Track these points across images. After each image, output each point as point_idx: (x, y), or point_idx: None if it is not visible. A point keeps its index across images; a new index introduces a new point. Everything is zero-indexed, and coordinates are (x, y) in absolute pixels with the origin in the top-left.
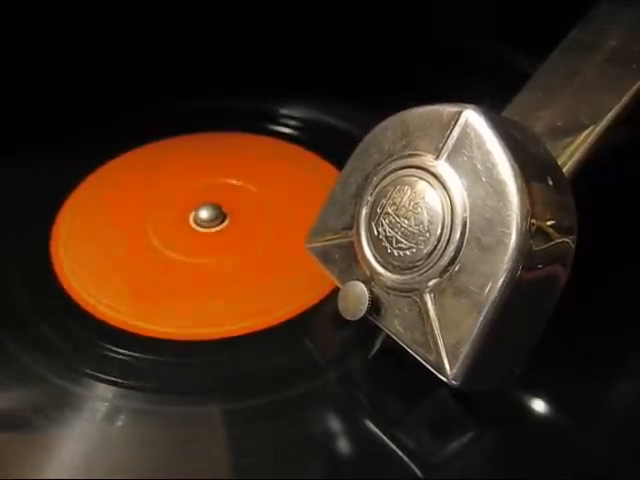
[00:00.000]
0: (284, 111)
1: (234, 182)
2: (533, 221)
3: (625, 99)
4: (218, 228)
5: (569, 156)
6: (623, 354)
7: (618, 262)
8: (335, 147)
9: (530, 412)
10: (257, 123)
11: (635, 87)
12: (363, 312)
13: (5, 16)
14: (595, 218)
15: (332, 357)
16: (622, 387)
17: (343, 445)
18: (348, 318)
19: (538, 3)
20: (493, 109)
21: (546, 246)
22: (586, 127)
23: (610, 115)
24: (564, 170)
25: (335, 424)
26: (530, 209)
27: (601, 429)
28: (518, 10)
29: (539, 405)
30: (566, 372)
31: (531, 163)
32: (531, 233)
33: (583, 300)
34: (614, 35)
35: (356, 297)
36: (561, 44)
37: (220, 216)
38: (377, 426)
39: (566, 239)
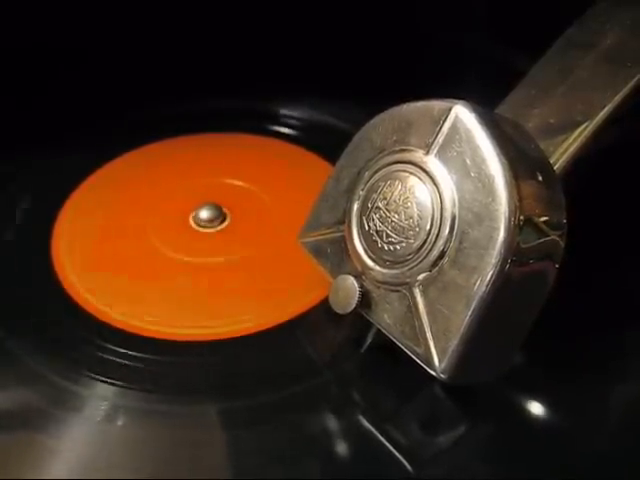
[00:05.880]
0: (284, 111)
1: (234, 182)
2: (521, 216)
3: (618, 97)
4: (218, 228)
5: (561, 153)
6: (621, 353)
7: (616, 261)
8: (335, 147)
9: (524, 409)
10: (257, 123)
11: (629, 85)
12: (353, 306)
13: (6, 17)
14: (587, 216)
15: (329, 356)
16: (619, 387)
17: (340, 443)
18: (338, 312)
19: (535, 1)
20: (486, 106)
21: (535, 241)
22: (579, 125)
23: (603, 113)
24: (556, 167)
25: (332, 423)
26: (518, 204)
27: (596, 428)
28: (516, 9)
29: (533, 402)
30: (562, 370)
31: (521, 159)
32: (519, 228)
33: (582, 300)
34: (610, 34)
35: (346, 291)
36: (557, 43)
37: (220, 216)
38: (372, 424)
39: (555, 235)
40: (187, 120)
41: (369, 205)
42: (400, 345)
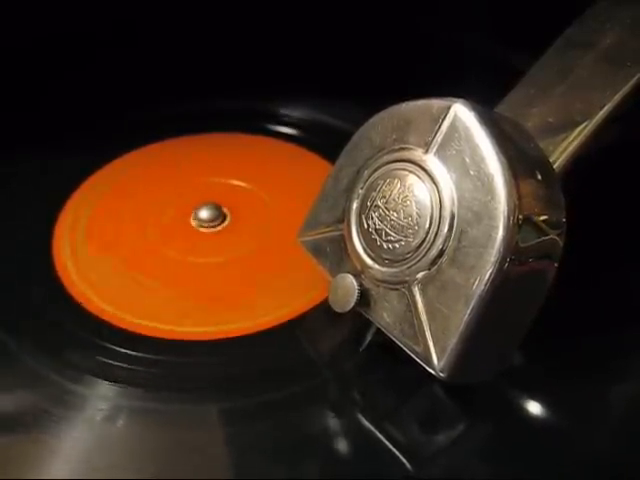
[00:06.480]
0: (284, 111)
1: (234, 182)
2: (520, 215)
3: (618, 96)
4: (218, 228)
5: (561, 152)
6: (621, 352)
7: (616, 261)
8: (335, 147)
9: (523, 408)
10: (257, 123)
11: (628, 85)
12: (352, 304)
13: (5, 17)
14: (588, 215)
15: (329, 356)
16: (619, 386)
17: (339, 442)
18: (337, 310)
19: (535, 1)
20: (486, 105)
21: (534, 240)
22: (578, 124)
23: (603, 112)
24: (555, 166)
25: (331, 422)
26: (517, 203)
27: (595, 427)
28: (516, 9)
29: (533, 401)
30: (562, 369)
31: (520, 158)
32: (518, 227)
33: (582, 299)
34: (609, 34)
35: (345, 289)
36: (556, 42)
37: (220, 216)
38: (371, 422)
39: (554, 234)
40: (187, 120)
41: (368, 204)
42: (399, 344)
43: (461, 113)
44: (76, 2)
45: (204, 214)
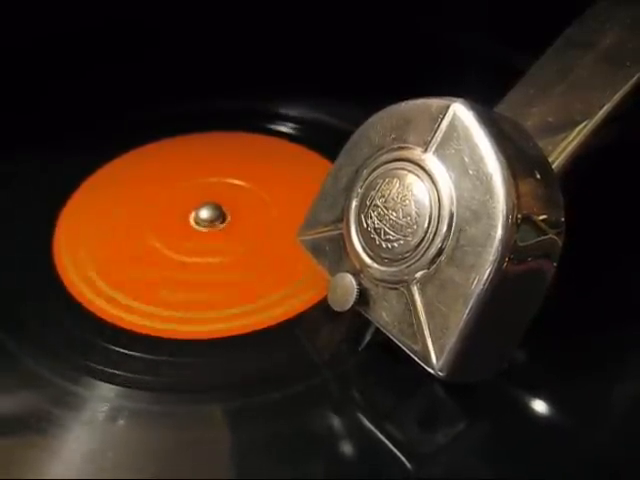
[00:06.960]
0: (284, 111)
1: (234, 182)
2: (519, 214)
3: (617, 96)
4: (218, 228)
5: (560, 152)
6: (621, 351)
7: (616, 261)
8: (335, 146)
9: (523, 406)
10: (257, 123)
11: (628, 84)
12: (351, 303)
13: (5, 16)
14: (587, 215)
15: (328, 355)
16: (619, 384)
17: (339, 442)
18: (337, 309)
19: (535, 1)
20: (486, 105)
21: (532, 239)
22: (578, 124)
23: (602, 112)
24: (554, 166)
25: (331, 421)
26: (516, 202)
27: (596, 426)
28: (516, 9)
29: (533, 400)
30: (562, 367)
31: (519, 157)
32: (517, 226)
33: (582, 298)
34: (609, 34)
35: (344, 289)
36: (556, 42)
37: (220, 216)
38: (371, 422)
39: (553, 233)
40: (187, 120)
41: (367, 203)
42: (398, 343)
43: (460, 112)
44: (76, 2)
45: (204, 214)
